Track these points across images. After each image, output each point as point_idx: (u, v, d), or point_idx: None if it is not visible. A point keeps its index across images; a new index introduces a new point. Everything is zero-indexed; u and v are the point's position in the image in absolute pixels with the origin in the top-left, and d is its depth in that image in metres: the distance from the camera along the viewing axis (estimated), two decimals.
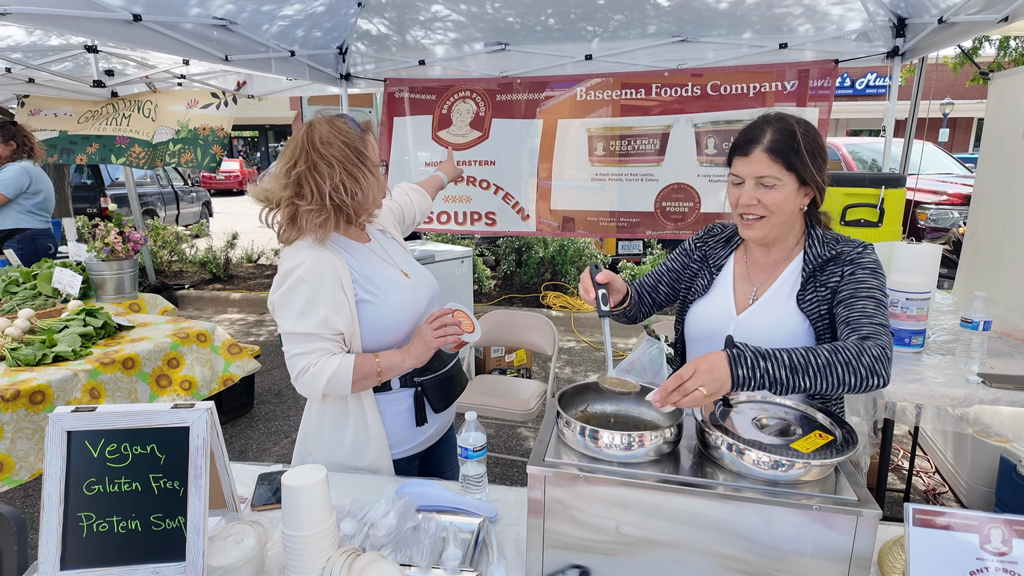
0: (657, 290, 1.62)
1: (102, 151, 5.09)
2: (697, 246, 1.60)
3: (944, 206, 6.29)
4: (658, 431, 1.12)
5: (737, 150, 1.35)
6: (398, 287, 1.58)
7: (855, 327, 1.22)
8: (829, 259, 1.37)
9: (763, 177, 1.31)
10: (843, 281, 1.33)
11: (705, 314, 1.50)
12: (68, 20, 2.19)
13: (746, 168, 1.33)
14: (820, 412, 1.19)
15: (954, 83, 18.08)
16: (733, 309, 1.46)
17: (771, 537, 1.04)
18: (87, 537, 1.08)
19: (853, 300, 1.28)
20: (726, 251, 1.54)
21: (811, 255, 1.39)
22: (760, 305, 1.43)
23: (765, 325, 1.40)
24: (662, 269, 1.62)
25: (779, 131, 1.31)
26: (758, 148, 1.31)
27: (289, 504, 1.08)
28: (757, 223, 1.35)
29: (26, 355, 2.38)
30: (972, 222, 2.67)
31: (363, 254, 1.58)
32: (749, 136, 1.33)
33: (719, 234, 1.58)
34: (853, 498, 1.02)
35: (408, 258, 1.71)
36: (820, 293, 1.36)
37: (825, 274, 1.37)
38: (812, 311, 1.36)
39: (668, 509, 1.08)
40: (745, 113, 3.65)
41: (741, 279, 1.49)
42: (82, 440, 1.10)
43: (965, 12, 2.48)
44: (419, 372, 1.58)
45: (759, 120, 1.36)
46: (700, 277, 1.55)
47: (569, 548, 1.13)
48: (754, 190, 1.32)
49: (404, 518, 1.28)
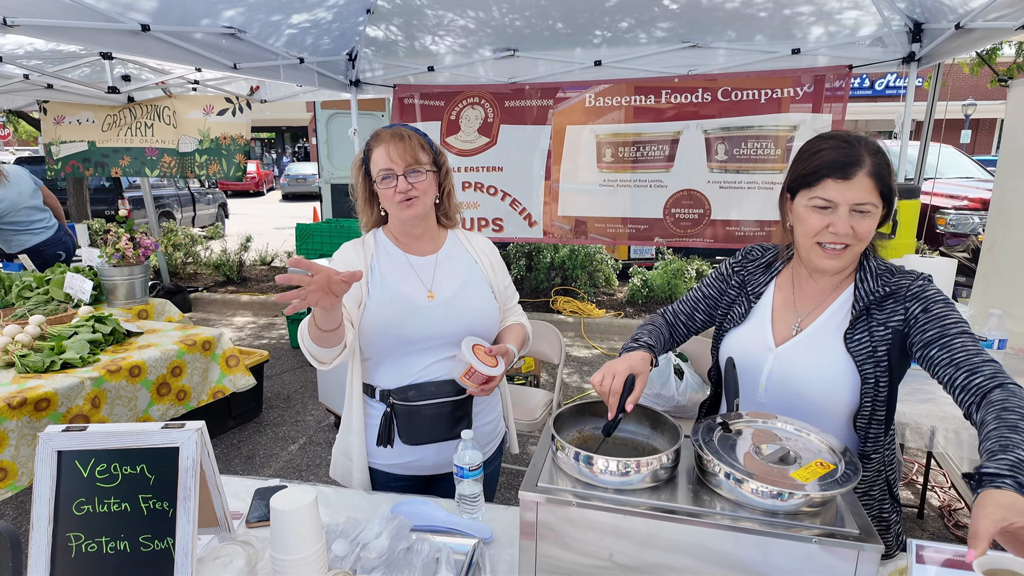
0: (693, 318, 1.55)
1: (135, 164, 5.28)
2: (735, 271, 1.50)
3: (964, 211, 6.16)
4: (655, 456, 1.09)
5: (833, 172, 1.21)
6: (399, 301, 1.56)
7: (969, 368, 1.13)
8: (885, 296, 1.27)
9: (863, 204, 1.20)
10: (916, 321, 1.23)
11: (741, 345, 1.41)
12: (77, 32, 2.21)
13: (844, 193, 1.20)
14: (818, 437, 1.16)
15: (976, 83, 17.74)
16: (771, 341, 1.37)
17: (769, 569, 1.01)
18: (75, 558, 1.08)
19: (947, 339, 1.18)
20: (766, 277, 1.45)
21: (863, 290, 1.29)
22: (804, 339, 1.34)
23: (806, 363, 1.32)
24: (698, 296, 1.55)
25: (877, 154, 1.21)
26: (861, 172, 1.20)
27: (277, 527, 1.07)
28: (844, 252, 1.24)
29: (35, 362, 2.41)
30: (990, 235, 2.60)
31: (395, 260, 1.61)
32: (849, 158, 1.21)
33: (758, 259, 1.48)
34: (855, 531, 0.99)
35: (458, 283, 1.63)
36: (877, 333, 1.26)
37: (884, 312, 1.27)
38: (861, 352, 1.27)
39: (664, 538, 1.05)
40: (757, 119, 3.60)
41: (784, 308, 1.40)
42: (72, 460, 1.09)
43: (983, 18, 2.42)
44: (394, 392, 1.57)
45: (843, 139, 1.24)
46: (738, 304, 1.46)
47: (562, 574, 1.11)
48: (849, 218, 1.21)
49: (397, 539, 1.26)
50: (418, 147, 1.54)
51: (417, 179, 1.52)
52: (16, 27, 1.98)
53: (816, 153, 1.25)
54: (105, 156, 5.35)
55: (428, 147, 1.58)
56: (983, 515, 0.87)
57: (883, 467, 1.36)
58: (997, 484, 0.91)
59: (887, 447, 1.36)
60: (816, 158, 1.25)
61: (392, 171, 1.51)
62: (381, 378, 1.59)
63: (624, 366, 1.26)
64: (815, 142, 1.28)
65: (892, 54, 3.16)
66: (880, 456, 1.34)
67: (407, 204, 1.53)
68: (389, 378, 1.58)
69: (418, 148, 1.53)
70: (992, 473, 0.93)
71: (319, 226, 4.92)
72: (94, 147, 5.34)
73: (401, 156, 1.50)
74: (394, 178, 1.51)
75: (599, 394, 1.27)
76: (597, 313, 6.11)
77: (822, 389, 1.30)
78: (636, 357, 1.30)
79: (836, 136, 1.26)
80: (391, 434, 1.58)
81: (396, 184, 1.51)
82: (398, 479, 1.64)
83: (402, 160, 1.50)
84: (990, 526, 0.84)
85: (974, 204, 6.16)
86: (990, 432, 1.02)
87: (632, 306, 6.39)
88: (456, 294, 1.61)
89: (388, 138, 1.53)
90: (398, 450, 1.60)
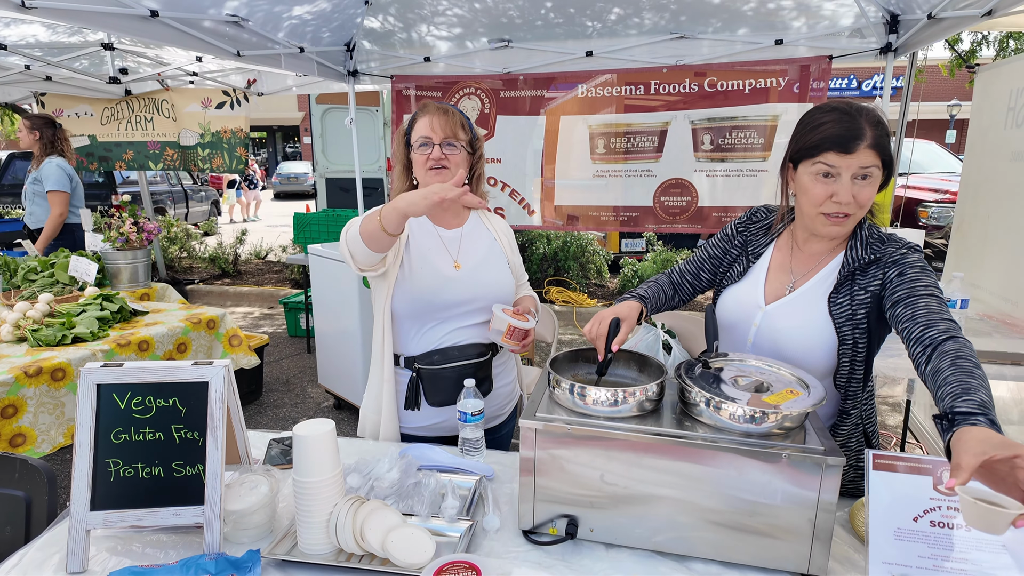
0: (699, 277, 1.60)
1: (139, 158, 5.36)
2: (739, 231, 1.55)
3: (945, 204, 6.35)
4: (641, 387, 1.21)
5: (835, 146, 1.24)
6: (432, 271, 1.65)
7: (927, 323, 1.18)
8: (870, 262, 1.33)
9: (867, 168, 1.24)
10: (891, 284, 1.29)
11: (735, 302, 1.49)
12: (89, 15, 2.30)
13: (847, 162, 1.24)
14: (789, 371, 1.27)
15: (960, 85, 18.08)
16: (762, 299, 1.44)
17: (745, 486, 1.12)
18: (114, 481, 1.18)
19: (913, 299, 1.24)
20: (767, 239, 1.50)
21: (851, 256, 1.35)
22: (792, 299, 1.41)
23: (790, 323, 1.39)
24: (703, 256, 1.60)
25: (877, 125, 1.25)
26: (863, 144, 1.23)
27: (300, 452, 1.17)
28: (846, 220, 1.30)
29: (47, 336, 2.49)
30: (959, 212, 2.74)
31: (425, 230, 1.71)
32: (851, 131, 1.24)
33: (762, 220, 1.53)
34: (820, 448, 1.10)
35: (480, 256, 1.74)
36: (858, 297, 1.33)
37: (866, 277, 1.33)
38: (840, 315, 1.34)
39: (649, 460, 1.16)
40: (742, 110, 3.73)
41: (779, 268, 1.46)
42: (110, 393, 1.19)
43: (952, 7, 2.56)
44: (419, 358, 1.67)
45: (844, 111, 1.27)
46: (738, 263, 1.53)
47: (558, 501, 1.22)
48: (852, 186, 1.25)
49: (406, 474, 1.37)
50: (459, 124, 1.65)
51: (451, 152, 1.63)
52: (34, 9, 2.07)
53: (819, 126, 1.28)
54: (108, 150, 5.42)
55: (468, 128, 1.70)
56: (964, 449, 0.90)
57: (860, 420, 1.46)
58: (972, 422, 0.95)
59: (865, 402, 1.45)
60: (819, 131, 1.27)
61: (430, 139, 1.62)
62: (407, 346, 1.70)
63: (610, 312, 1.36)
64: (816, 115, 1.30)
65: (870, 44, 3.30)
66: (858, 411, 1.44)
67: (436, 172, 1.63)
68: (415, 345, 1.69)
69: (458, 125, 1.65)
70: (964, 412, 0.97)
71: (317, 215, 5.01)
72: (96, 141, 5.41)
73: (442, 128, 1.62)
74: (430, 146, 1.62)
75: (590, 340, 1.37)
76: (589, 303, 6.24)
77: (803, 348, 1.37)
78: (624, 305, 1.42)
79: (837, 108, 1.28)
80: (417, 397, 1.70)
81: (431, 152, 1.62)
82: (425, 441, 1.74)
83: (441, 131, 1.62)
84: (972, 459, 0.87)
85: (955, 197, 6.34)
86: (948, 377, 1.06)
87: None
88: (479, 265, 1.72)
89: (433, 110, 1.65)
90: (424, 413, 1.71)
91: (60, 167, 4.03)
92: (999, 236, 2.36)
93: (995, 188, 2.39)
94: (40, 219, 4.14)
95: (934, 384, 1.09)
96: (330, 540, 1.17)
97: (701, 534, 1.16)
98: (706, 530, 1.15)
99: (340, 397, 3.93)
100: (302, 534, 1.19)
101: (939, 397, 1.05)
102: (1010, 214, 2.25)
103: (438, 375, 1.67)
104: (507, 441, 1.88)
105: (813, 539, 1.10)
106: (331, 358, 3.91)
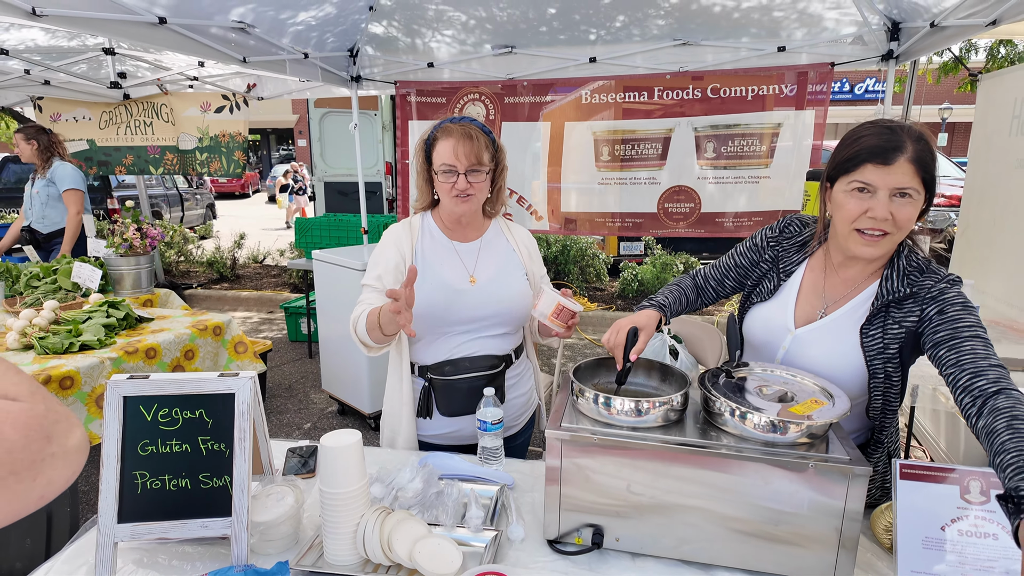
0: (724, 284, 1.58)
1: (139, 162, 5.35)
2: (770, 244, 1.50)
3: (940, 208, 6.41)
4: (666, 396, 1.22)
5: (874, 157, 1.21)
6: (441, 286, 1.64)
7: (974, 371, 1.12)
8: (907, 296, 1.28)
9: (905, 189, 1.19)
10: (931, 322, 1.23)
11: (764, 322, 1.46)
12: (99, 23, 2.30)
13: (884, 178, 1.20)
14: (813, 381, 1.29)
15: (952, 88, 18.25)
16: (791, 323, 1.41)
17: (770, 495, 1.13)
18: (142, 493, 1.17)
19: (958, 341, 1.17)
20: (799, 256, 1.45)
21: (886, 288, 1.30)
22: (823, 325, 1.37)
23: (820, 350, 1.35)
24: (730, 263, 1.56)
25: (919, 140, 1.21)
26: (903, 157, 1.19)
27: (326, 464, 1.17)
28: (882, 240, 1.24)
29: (54, 343, 2.48)
30: (963, 217, 2.77)
31: (439, 244, 1.71)
32: (890, 143, 1.20)
33: (795, 235, 1.48)
34: (845, 457, 1.11)
35: (497, 269, 1.72)
36: (891, 331, 1.28)
37: (902, 311, 1.28)
38: (872, 348, 1.30)
39: (675, 470, 1.17)
40: (744, 117, 3.76)
41: (811, 291, 1.41)
42: (137, 405, 1.19)
43: (955, 16, 2.59)
44: (431, 368, 1.68)
45: (885, 126, 1.24)
46: (768, 279, 1.48)
47: (583, 511, 1.22)
48: (889, 203, 1.21)
49: (428, 484, 1.38)
50: (483, 148, 1.60)
51: (476, 179, 1.60)
52: (44, 16, 2.06)
53: (857, 140, 1.25)
54: (107, 155, 5.40)
55: (491, 146, 1.65)
56: None
57: (887, 442, 1.45)
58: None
59: (894, 426, 1.43)
60: (857, 144, 1.24)
61: (455, 168, 1.58)
62: (419, 355, 1.70)
63: (627, 322, 1.36)
64: (856, 129, 1.28)
65: (872, 52, 3.33)
66: (888, 438, 1.42)
67: (463, 200, 1.61)
68: (427, 355, 1.69)
69: (483, 149, 1.60)
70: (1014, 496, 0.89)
71: (318, 220, 5.00)
72: (95, 146, 5.39)
73: (467, 155, 1.57)
74: (455, 175, 1.58)
75: (607, 350, 1.38)
76: (589, 307, 6.25)
77: (830, 377, 1.31)
78: (642, 314, 1.42)
79: (877, 123, 1.25)
80: (429, 406, 1.70)
81: (456, 181, 1.59)
82: (442, 449, 1.74)
83: (466, 159, 1.57)
84: None
85: (951, 200, 6.41)
86: (1007, 444, 0.97)
87: (623, 299, 6.54)
88: (494, 278, 1.71)
89: (458, 135, 1.58)
90: (438, 421, 1.72)
91: (75, 168, 4.04)
92: (1005, 242, 2.39)
93: (1000, 195, 2.43)
94: (55, 222, 4.13)
95: (989, 446, 1.02)
96: (357, 551, 1.17)
97: (726, 543, 1.17)
98: (731, 539, 1.16)
99: (344, 403, 3.92)
100: (329, 545, 1.19)
101: (998, 466, 0.97)
102: (1015, 221, 2.28)
103: (450, 386, 1.68)
104: (523, 450, 1.89)
105: (839, 548, 1.11)
106: (335, 363, 3.90)
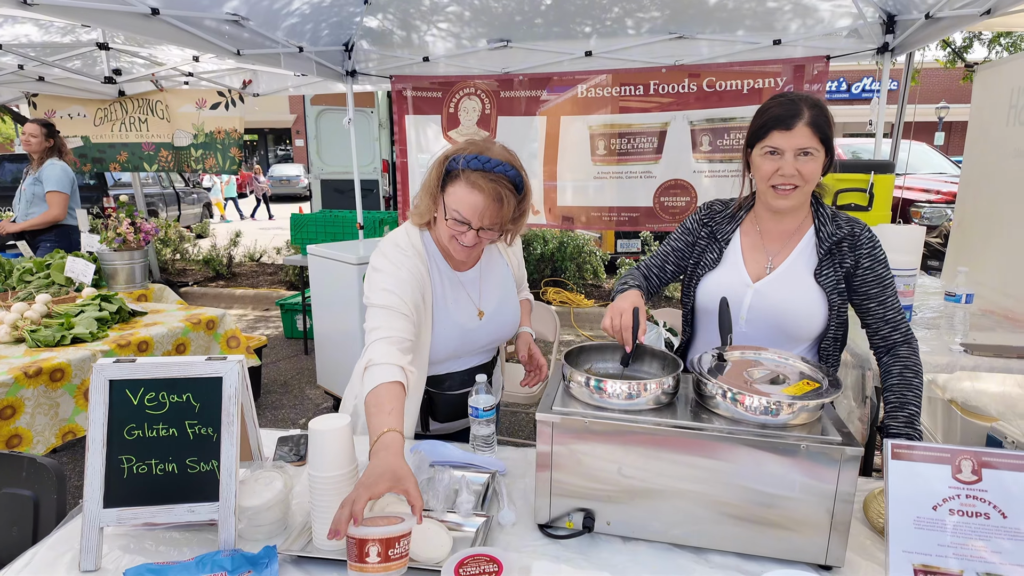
0: (664, 269, 1.71)
1: (133, 159, 5.33)
2: (704, 223, 1.67)
3: (937, 204, 6.41)
4: (658, 379, 1.21)
5: (778, 124, 1.43)
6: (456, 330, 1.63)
7: (894, 324, 1.48)
8: (841, 239, 1.50)
9: (807, 148, 1.42)
10: (865, 275, 1.49)
11: (718, 285, 1.58)
12: (90, 12, 2.28)
13: (788, 140, 1.42)
14: (806, 363, 1.28)
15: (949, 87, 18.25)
16: (748, 278, 1.57)
17: (762, 478, 1.12)
18: (128, 478, 1.16)
19: (884, 298, 1.49)
20: (732, 226, 1.63)
21: (824, 233, 1.52)
22: (779, 276, 1.55)
23: (785, 296, 1.53)
24: (667, 250, 1.71)
25: (815, 107, 1.42)
26: (801, 122, 1.41)
27: (316, 447, 1.16)
28: (793, 192, 1.46)
29: (46, 336, 2.47)
30: (959, 208, 2.77)
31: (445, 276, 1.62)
32: (790, 112, 1.43)
33: (723, 210, 1.66)
34: (837, 438, 1.10)
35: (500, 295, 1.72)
36: (837, 272, 1.51)
37: (841, 254, 1.51)
38: (829, 285, 1.51)
39: (667, 453, 1.16)
40: (739, 111, 3.76)
41: (753, 249, 1.59)
42: (123, 388, 1.18)
43: (950, 7, 2.59)
44: (430, 381, 1.68)
45: (787, 98, 1.46)
46: (709, 251, 1.64)
47: (574, 495, 1.21)
48: (795, 161, 1.42)
49: (419, 470, 1.37)
50: (508, 215, 1.47)
51: (488, 235, 1.50)
52: (35, 6, 2.05)
53: (765, 111, 1.48)
54: (102, 152, 5.38)
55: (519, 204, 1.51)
56: None
57: None
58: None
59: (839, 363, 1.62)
60: (765, 115, 1.48)
61: (468, 222, 1.45)
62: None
63: (627, 304, 1.38)
64: (765, 103, 1.51)
65: (867, 44, 3.33)
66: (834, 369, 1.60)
67: (463, 249, 1.52)
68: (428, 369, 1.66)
69: (508, 217, 1.47)
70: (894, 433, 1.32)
71: (313, 216, 4.99)
72: (89, 143, 5.37)
73: (490, 218, 1.45)
74: (466, 227, 1.46)
75: (611, 334, 1.38)
76: (586, 304, 6.24)
77: (799, 317, 1.52)
78: (632, 295, 1.44)
79: (782, 96, 1.49)
80: (427, 418, 1.75)
81: (465, 232, 1.47)
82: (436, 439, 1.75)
83: (489, 220, 1.46)
84: None
85: (947, 197, 6.41)
86: (891, 385, 1.41)
87: None
88: (498, 309, 1.72)
89: (488, 196, 1.42)
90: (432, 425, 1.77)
91: (63, 169, 4.01)
92: (1000, 232, 2.39)
93: (996, 185, 2.42)
94: None
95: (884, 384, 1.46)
96: None
97: (718, 526, 1.16)
98: (723, 522, 1.15)
99: (339, 397, 3.90)
100: (317, 529, 1.18)
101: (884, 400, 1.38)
102: (1012, 210, 2.28)
103: (448, 399, 1.73)
104: None
105: (831, 530, 1.10)
106: (331, 359, 3.89)
